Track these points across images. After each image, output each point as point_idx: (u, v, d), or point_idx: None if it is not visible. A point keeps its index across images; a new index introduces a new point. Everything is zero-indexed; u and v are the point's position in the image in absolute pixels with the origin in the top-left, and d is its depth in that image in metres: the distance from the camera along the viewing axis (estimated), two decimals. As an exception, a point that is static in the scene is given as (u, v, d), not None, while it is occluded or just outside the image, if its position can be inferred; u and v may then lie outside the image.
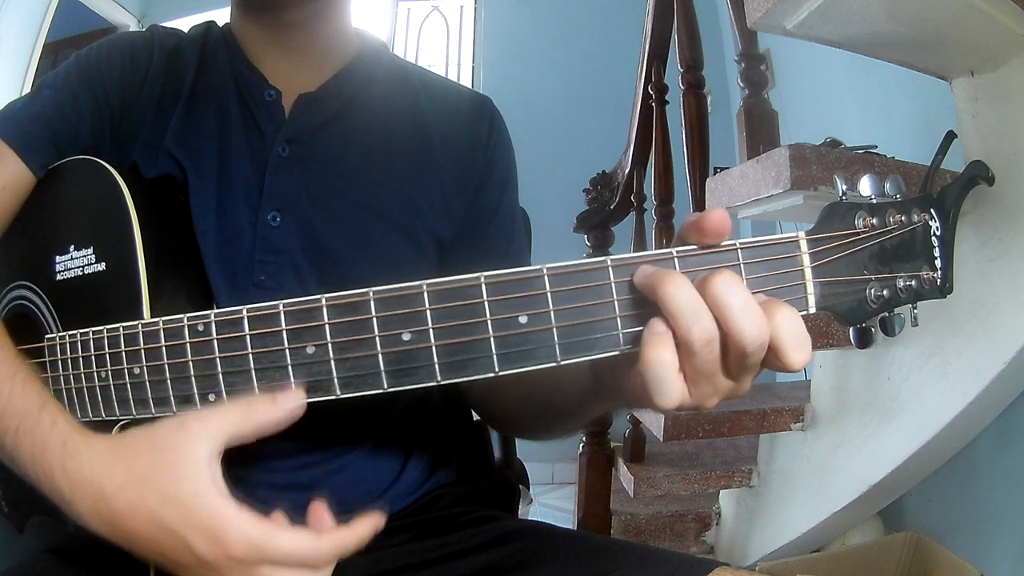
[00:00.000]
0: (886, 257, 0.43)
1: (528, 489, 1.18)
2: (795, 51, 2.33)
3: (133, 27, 3.40)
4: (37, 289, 0.62)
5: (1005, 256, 1.04)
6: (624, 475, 1.61)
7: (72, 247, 0.58)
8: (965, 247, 1.08)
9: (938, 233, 0.44)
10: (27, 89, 2.75)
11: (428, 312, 0.41)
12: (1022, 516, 1.23)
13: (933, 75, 1.14)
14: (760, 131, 1.37)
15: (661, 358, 0.38)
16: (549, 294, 0.40)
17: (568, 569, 0.59)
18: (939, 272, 0.44)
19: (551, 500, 2.80)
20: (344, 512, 0.66)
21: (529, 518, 1.19)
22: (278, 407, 0.44)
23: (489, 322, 0.40)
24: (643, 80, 1.80)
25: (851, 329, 0.43)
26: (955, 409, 1.12)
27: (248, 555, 0.43)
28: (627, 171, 1.90)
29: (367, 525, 0.47)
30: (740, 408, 1.40)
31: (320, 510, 0.47)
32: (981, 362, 1.08)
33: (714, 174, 1.27)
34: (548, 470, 3.04)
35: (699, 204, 1.41)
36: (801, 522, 1.44)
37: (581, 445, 1.79)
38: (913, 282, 0.43)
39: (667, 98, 1.73)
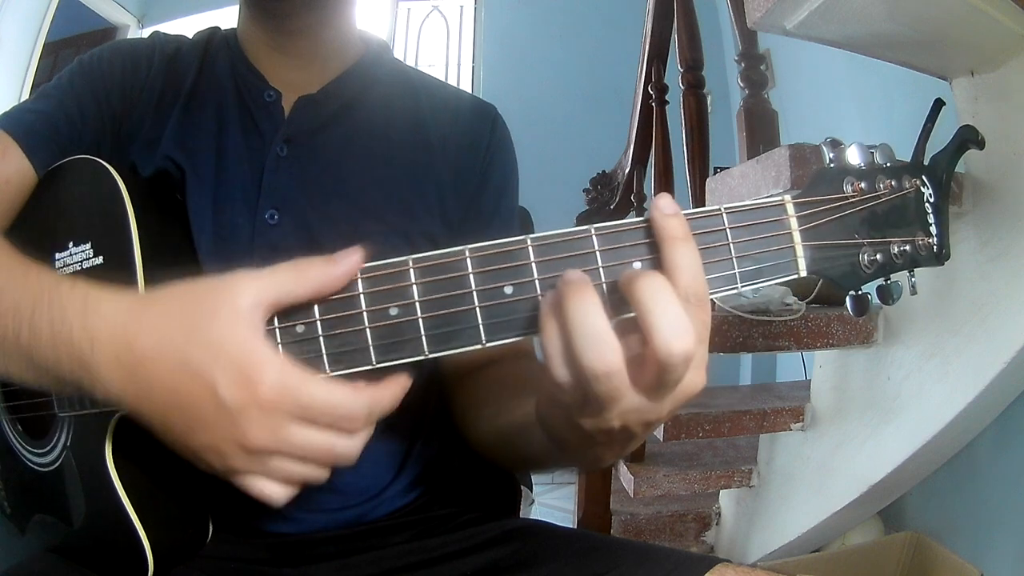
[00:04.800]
0: (878, 222, 0.42)
1: (531, 490, 1.18)
2: (795, 51, 2.33)
3: (133, 27, 3.41)
4: (38, 287, 0.62)
5: (1005, 256, 1.04)
6: (624, 475, 1.61)
7: (71, 243, 0.58)
8: (965, 247, 1.08)
9: (931, 200, 0.43)
10: (27, 89, 2.77)
11: (414, 286, 0.41)
12: (1022, 516, 1.23)
13: (933, 75, 1.14)
14: (760, 131, 1.37)
15: (553, 334, 0.37)
16: (533, 264, 0.40)
17: (568, 568, 0.59)
18: (935, 238, 0.43)
19: (551, 500, 2.80)
20: (342, 509, 0.66)
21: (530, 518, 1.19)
22: (334, 263, 0.41)
23: (475, 293, 0.41)
24: (643, 80, 1.80)
25: (847, 297, 0.43)
26: (955, 409, 1.12)
27: (279, 399, 0.39)
28: (627, 171, 1.90)
29: (397, 382, 0.43)
30: (740, 408, 1.40)
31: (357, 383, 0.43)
32: (981, 362, 1.08)
33: (714, 174, 1.27)
34: (548, 470, 3.04)
35: (699, 204, 1.41)
36: (801, 522, 1.44)
37: (581, 445, 1.78)
38: (908, 247, 0.43)
39: (667, 98, 1.73)
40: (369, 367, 0.43)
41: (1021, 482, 1.23)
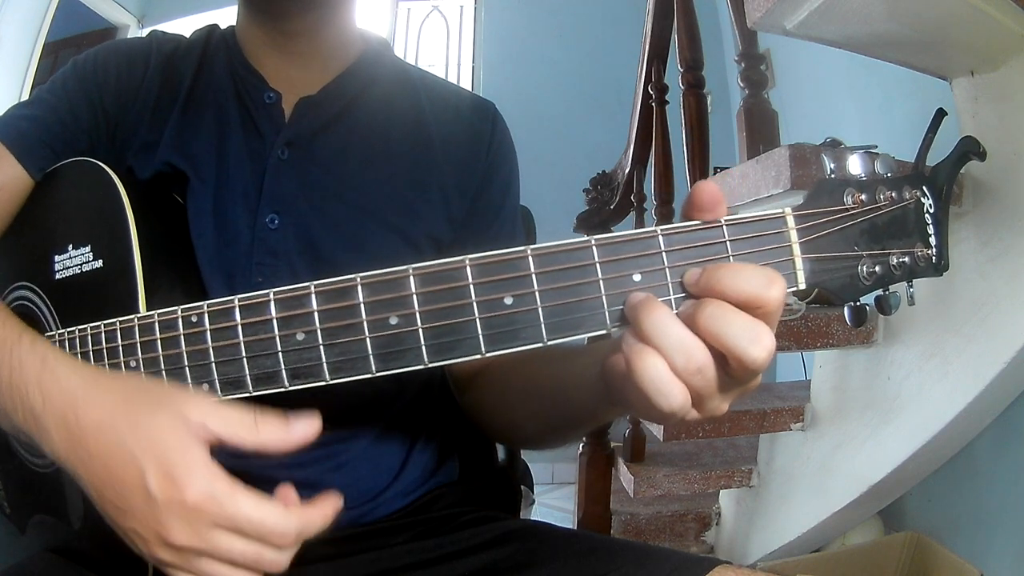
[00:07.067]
0: (877, 234, 0.42)
1: (531, 490, 1.18)
2: (795, 51, 2.33)
3: (133, 27, 3.41)
4: (37, 289, 0.62)
5: (1005, 256, 1.04)
6: (624, 475, 1.61)
7: (70, 246, 0.58)
8: (965, 247, 1.08)
9: (931, 210, 0.43)
10: (27, 89, 2.77)
11: (414, 296, 0.41)
12: (1022, 516, 1.23)
13: (933, 75, 1.14)
14: (760, 131, 1.37)
15: (651, 364, 0.37)
16: (534, 275, 0.40)
17: (568, 568, 0.59)
18: (933, 249, 0.43)
19: (551, 500, 2.80)
20: (341, 511, 0.66)
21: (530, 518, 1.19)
22: (290, 430, 0.43)
23: (475, 304, 0.40)
24: (643, 80, 1.80)
25: (845, 307, 0.42)
26: (955, 409, 1.12)
27: (204, 505, 0.41)
28: (627, 171, 1.90)
29: (329, 505, 0.45)
30: (740, 408, 1.40)
31: (287, 491, 0.45)
32: (981, 362, 1.08)
33: (714, 174, 1.27)
34: (548, 470, 3.04)
35: (699, 204, 1.41)
36: (801, 522, 1.44)
37: (581, 445, 1.79)
38: (907, 258, 0.42)
39: (667, 98, 1.73)
40: (369, 375, 0.43)
41: (1021, 482, 1.23)
